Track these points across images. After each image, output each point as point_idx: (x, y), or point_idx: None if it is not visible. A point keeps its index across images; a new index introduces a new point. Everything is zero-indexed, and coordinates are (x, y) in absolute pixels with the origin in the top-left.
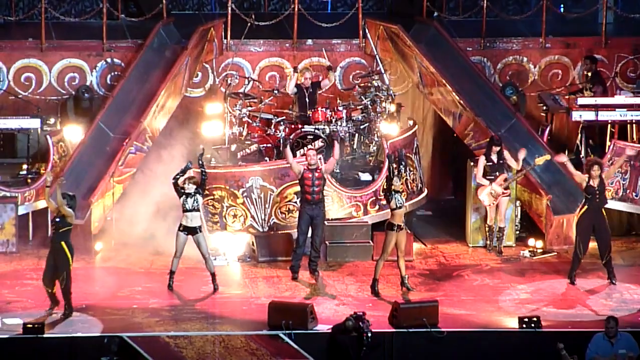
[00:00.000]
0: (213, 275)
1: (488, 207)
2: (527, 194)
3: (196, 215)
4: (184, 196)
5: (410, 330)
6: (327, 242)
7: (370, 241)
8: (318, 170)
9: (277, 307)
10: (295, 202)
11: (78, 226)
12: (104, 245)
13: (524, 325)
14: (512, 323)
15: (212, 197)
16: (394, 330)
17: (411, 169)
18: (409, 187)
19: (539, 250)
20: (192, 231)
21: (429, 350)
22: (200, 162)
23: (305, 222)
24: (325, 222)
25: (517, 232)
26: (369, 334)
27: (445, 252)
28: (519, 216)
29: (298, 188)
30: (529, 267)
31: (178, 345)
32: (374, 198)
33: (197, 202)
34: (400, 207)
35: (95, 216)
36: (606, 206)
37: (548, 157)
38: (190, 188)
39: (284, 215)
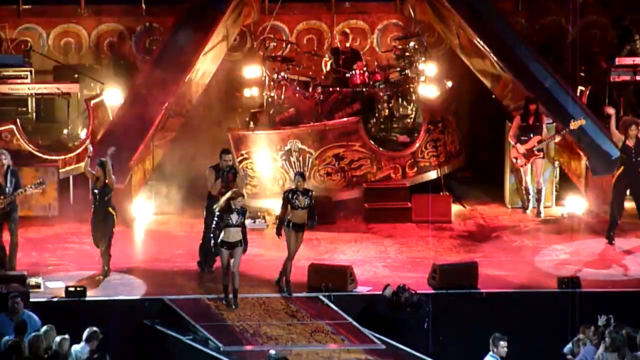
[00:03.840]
0: (235, 291)
1: (521, 169)
2: (566, 155)
3: (238, 231)
4: (228, 211)
5: (450, 291)
6: (365, 204)
7: (409, 203)
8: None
9: (317, 270)
10: (334, 165)
11: (118, 190)
12: (145, 208)
13: (564, 286)
14: (551, 283)
15: (251, 160)
16: (433, 291)
17: (450, 130)
18: (447, 149)
19: (578, 211)
20: (232, 246)
21: (468, 311)
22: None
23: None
24: (364, 185)
25: (556, 193)
26: (429, 308)
27: (484, 214)
28: (557, 177)
29: (337, 150)
30: (568, 227)
31: (218, 308)
32: (412, 160)
33: (242, 218)
34: (298, 208)
35: (135, 180)
36: None
37: (583, 121)
38: (238, 203)
39: (322, 178)
